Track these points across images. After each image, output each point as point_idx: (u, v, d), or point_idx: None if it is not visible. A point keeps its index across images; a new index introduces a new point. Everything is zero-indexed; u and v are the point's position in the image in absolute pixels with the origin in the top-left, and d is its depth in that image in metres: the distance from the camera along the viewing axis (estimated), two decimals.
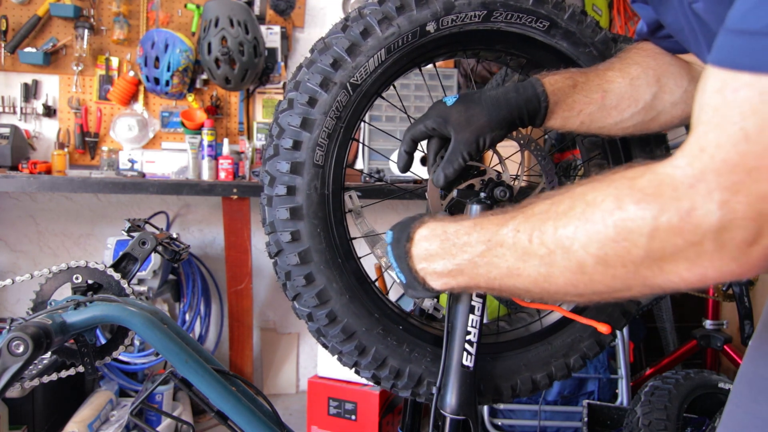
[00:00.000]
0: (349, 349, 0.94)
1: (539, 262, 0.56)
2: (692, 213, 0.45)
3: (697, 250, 0.46)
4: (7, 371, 0.88)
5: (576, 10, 0.98)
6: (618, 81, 0.86)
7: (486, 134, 0.83)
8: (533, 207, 0.59)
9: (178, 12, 2.86)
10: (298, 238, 0.90)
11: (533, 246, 0.57)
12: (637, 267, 0.49)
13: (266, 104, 2.95)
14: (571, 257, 0.53)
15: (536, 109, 0.84)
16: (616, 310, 1.05)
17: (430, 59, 1.00)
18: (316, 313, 0.92)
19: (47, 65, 2.73)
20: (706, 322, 2.42)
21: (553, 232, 0.54)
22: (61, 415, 2.23)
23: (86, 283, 1.17)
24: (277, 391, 3.05)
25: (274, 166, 0.90)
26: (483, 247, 0.63)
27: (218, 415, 1.05)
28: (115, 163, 2.74)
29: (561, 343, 1.03)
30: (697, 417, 1.65)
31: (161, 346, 1.01)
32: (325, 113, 0.89)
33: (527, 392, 1.02)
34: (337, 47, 0.89)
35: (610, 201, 0.50)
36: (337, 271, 0.91)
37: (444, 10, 0.91)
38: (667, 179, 0.47)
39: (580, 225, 0.52)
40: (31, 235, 2.86)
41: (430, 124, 0.86)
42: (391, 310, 0.96)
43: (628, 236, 0.48)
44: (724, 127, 0.44)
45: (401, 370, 0.95)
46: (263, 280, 3.02)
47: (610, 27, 2.93)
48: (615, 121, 0.86)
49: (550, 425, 2.27)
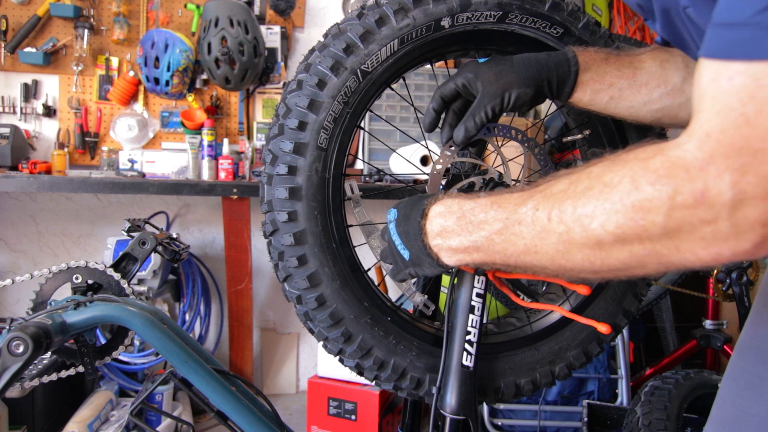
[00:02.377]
0: (335, 335, 0.93)
1: (557, 239, 0.58)
2: (706, 193, 0.47)
3: (712, 229, 0.48)
4: (7, 371, 0.88)
5: (591, 20, 0.98)
6: (649, 62, 0.86)
7: (513, 90, 0.84)
8: (551, 186, 0.61)
9: (178, 12, 2.86)
10: (294, 219, 0.89)
11: (552, 224, 0.58)
12: (653, 244, 0.52)
13: (266, 104, 2.95)
14: (590, 234, 0.55)
15: (566, 74, 0.84)
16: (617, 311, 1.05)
17: (442, 56, 1.00)
18: (305, 296, 0.92)
19: (47, 65, 2.73)
20: (706, 322, 2.42)
21: (572, 211, 0.56)
22: (61, 415, 2.23)
23: (86, 283, 1.17)
24: (277, 391, 3.05)
25: (278, 145, 0.90)
26: (500, 224, 0.64)
27: (218, 415, 1.05)
28: (115, 163, 2.74)
29: (548, 349, 1.03)
30: (697, 417, 1.65)
31: (161, 346, 1.01)
32: (333, 97, 0.89)
33: (511, 396, 1.02)
34: (351, 33, 0.90)
35: (627, 182, 0.52)
36: (331, 256, 0.91)
37: (460, 7, 0.91)
38: (679, 161, 0.49)
39: (598, 204, 0.54)
40: (31, 235, 2.86)
41: (460, 80, 0.87)
42: (382, 300, 0.96)
43: (645, 215, 0.51)
44: (726, 113, 0.47)
45: (385, 362, 0.95)
46: (263, 280, 3.02)
47: (610, 27, 2.94)
48: (644, 100, 0.86)
49: (550, 425, 2.27)
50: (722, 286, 2.35)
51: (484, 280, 0.90)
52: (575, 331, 1.04)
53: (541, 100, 0.88)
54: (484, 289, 0.90)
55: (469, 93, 0.88)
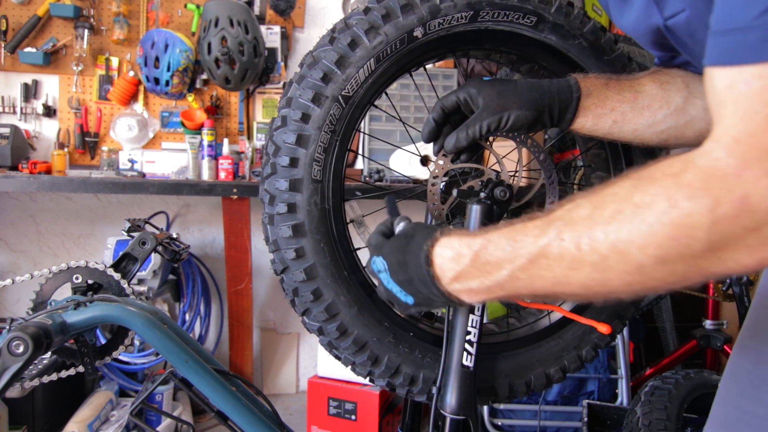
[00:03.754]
0: (362, 360, 0.94)
1: (592, 269, 0.55)
2: (746, 201, 0.46)
3: (757, 236, 0.47)
4: (7, 371, 0.88)
5: (563, 3, 0.97)
6: (649, 84, 0.86)
7: (512, 112, 0.83)
8: (570, 212, 0.58)
9: (178, 12, 2.86)
10: (302, 255, 0.90)
11: (583, 254, 0.55)
12: (696, 260, 0.50)
13: (266, 104, 2.95)
14: (628, 260, 0.52)
15: (568, 100, 0.84)
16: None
17: (420, 63, 0.99)
18: (326, 327, 0.92)
19: (47, 65, 2.73)
20: (706, 322, 2.42)
21: (604, 238, 0.53)
22: (61, 415, 2.23)
23: (86, 283, 1.17)
24: (277, 391, 3.05)
25: (273, 185, 0.90)
26: (523, 260, 0.60)
27: (218, 415, 1.05)
28: (115, 163, 2.74)
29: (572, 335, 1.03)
30: (697, 417, 1.65)
31: (161, 346, 1.01)
32: (320, 128, 0.88)
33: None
34: (326, 60, 0.89)
35: (661, 200, 0.50)
36: (344, 284, 0.91)
37: (430, 15, 0.90)
38: (713, 171, 0.48)
39: (633, 228, 0.51)
40: (31, 235, 2.86)
41: (462, 94, 0.87)
42: (400, 317, 0.97)
43: (687, 232, 0.49)
44: (750, 116, 0.46)
45: (415, 377, 0.96)
46: (263, 280, 3.02)
47: (609, 26, 2.93)
48: (648, 122, 0.85)
49: (550, 425, 2.27)
50: (722, 286, 2.35)
51: None
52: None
53: (539, 127, 0.87)
54: None
55: (468, 108, 0.87)
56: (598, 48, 1.00)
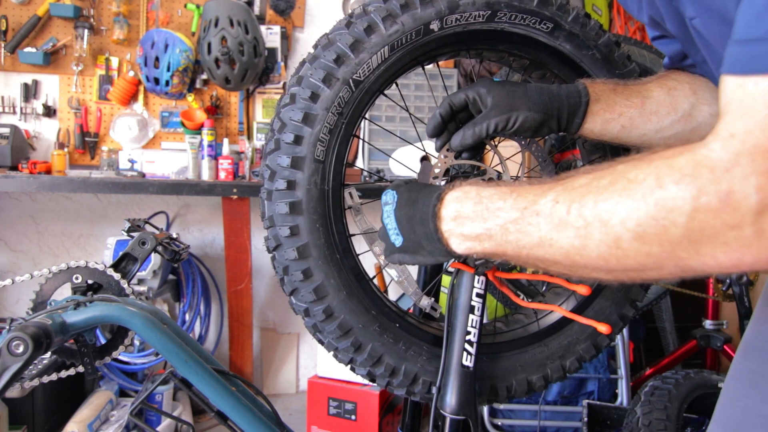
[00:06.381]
0: (345, 345, 0.94)
1: (574, 233, 0.57)
2: (731, 196, 0.46)
3: (735, 234, 0.47)
4: (7, 371, 0.88)
5: (580, 13, 0.98)
6: (656, 90, 0.87)
7: (520, 113, 0.84)
8: (573, 180, 0.59)
9: (178, 12, 2.86)
10: (296, 233, 0.89)
11: (570, 217, 0.57)
12: (673, 247, 0.50)
13: (266, 104, 2.95)
14: (609, 231, 0.54)
15: (577, 104, 0.85)
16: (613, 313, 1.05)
17: (433, 58, 0.99)
18: (313, 309, 0.92)
19: (47, 65, 2.73)
20: (706, 322, 2.42)
21: (592, 206, 0.55)
22: (61, 415, 2.23)
23: (86, 283, 1.17)
24: (277, 391, 3.05)
25: (275, 161, 0.90)
26: (517, 213, 0.62)
27: (218, 415, 1.05)
28: (115, 163, 2.74)
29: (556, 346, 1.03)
30: (697, 417, 1.65)
31: (161, 346, 1.01)
32: (327, 109, 0.89)
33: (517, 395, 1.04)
34: (341, 43, 0.89)
35: (651, 179, 0.51)
36: (335, 267, 0.91)
37: (448, 9, 0.91)
38: (705, 160, 0.48)
39: (620, 200, 0.53)
40: (31, 235, 2.86)
41: (471, 93, 0.87)
42: (389, 307, 0.96)
43: (668, 215, 0.49)
44: (751, 115, 0.46)
45: (397, 368, 0.95)
46: (263, 280, 3.02)
47: (610, 27, 2.93)
48: (656, 128, 0.86)
49: (550, 425, 2.27)
50: (722, 286, 2.35)
51: (484, 280, 0.90)
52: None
53: (546, 132, 0.87)
54: (484, 289, 0.90)
55: (476, 107, 0.88)
56: (611, 61, 1.01)
